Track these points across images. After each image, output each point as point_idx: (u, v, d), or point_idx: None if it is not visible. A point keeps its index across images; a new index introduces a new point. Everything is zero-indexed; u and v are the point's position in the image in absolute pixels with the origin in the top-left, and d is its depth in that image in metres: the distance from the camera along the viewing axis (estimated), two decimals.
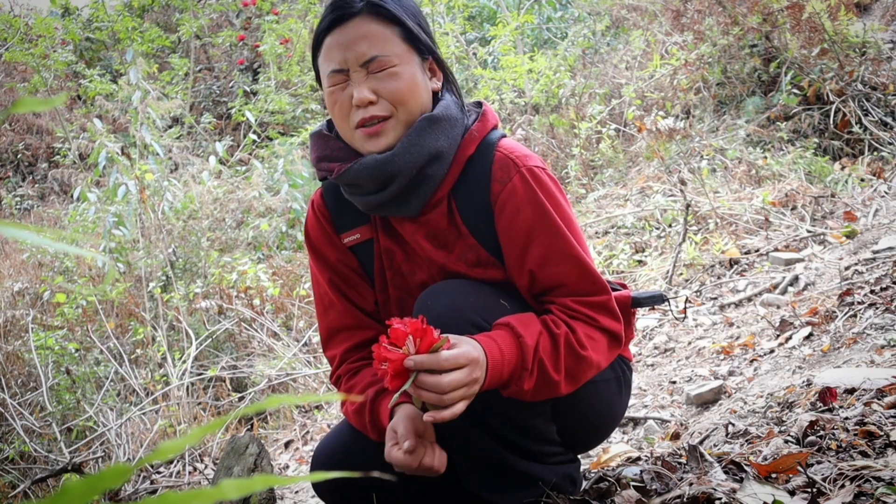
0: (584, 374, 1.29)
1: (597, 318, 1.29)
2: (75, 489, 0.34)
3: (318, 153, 1.38)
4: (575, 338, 1.26)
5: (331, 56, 1.31)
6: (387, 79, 1.29)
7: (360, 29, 1.29)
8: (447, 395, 1.11)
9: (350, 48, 1.29)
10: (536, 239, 1.29)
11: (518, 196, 1.30)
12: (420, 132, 1.29)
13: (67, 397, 3.39)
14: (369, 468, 1.38)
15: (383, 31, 1.30)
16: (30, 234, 0.39)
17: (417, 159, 1.29)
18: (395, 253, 1.40)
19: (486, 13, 7.30)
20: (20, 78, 7.89)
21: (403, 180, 1.29)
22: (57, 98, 0.40)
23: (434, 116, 1.31)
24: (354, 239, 1.43)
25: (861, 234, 3.34)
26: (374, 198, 1.32)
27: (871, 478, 1.23)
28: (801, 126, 4.63)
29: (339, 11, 1.31)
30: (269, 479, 0.37)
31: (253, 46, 7.07)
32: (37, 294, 4.36)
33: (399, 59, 1.30)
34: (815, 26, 4.83)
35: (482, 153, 1.34)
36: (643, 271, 3.65)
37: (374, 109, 1.29)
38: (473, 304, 1.26)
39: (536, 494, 1.33)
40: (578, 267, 1.30)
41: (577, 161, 5.08)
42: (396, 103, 1.29)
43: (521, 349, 1.20)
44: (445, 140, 1.31)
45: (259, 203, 4.77)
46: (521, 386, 1.21)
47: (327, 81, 1.32)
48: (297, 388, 3.40)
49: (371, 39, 1.29)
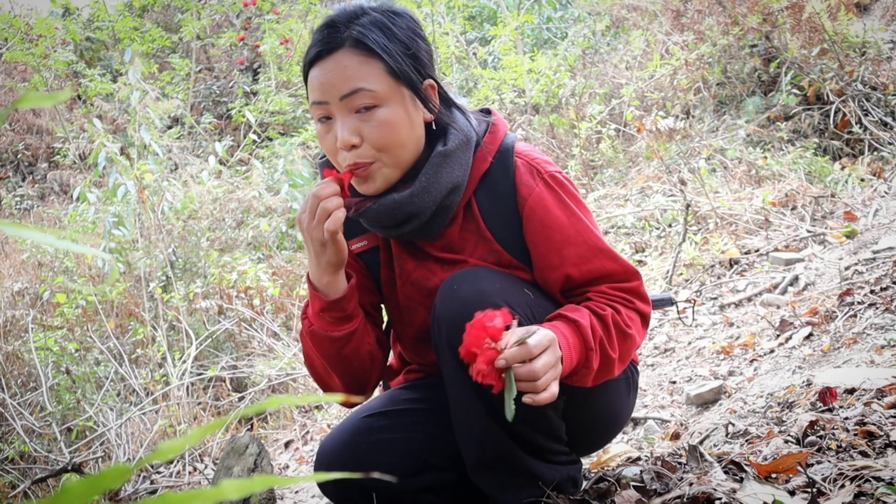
0: (629, 353, 1.33)
1: (632, 300, 1.34)
2: (75, 489, 0.34)
3: None
4: (620, 318, 1.30)
5: (313, 88, 1.29)
6: (371, 122, 1.26)
7: (341, 62, 1.26)
8: (542, 380, 1.13)
9: (330, 82, 1.26)
10: (570, 239, 1.33)
11: (546, 202, 1.34)
12: (437, 169, 1.30)
13: (67, 397, 3.40)
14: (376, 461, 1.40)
15: (365, 65, 1.26)
16: (32, 233, 0.39)
17: (436, 197, 1.31)
18: (406, 261, 1.42)
19: (486, 13, 7.30)
20: (20, 78, 7.89)
21: (424, 217, 1.32)
22: (61, 93, 0.40)
23: (447, 151, 1.31)
24: (361, 246, 1.46)
25: (861, 234, 3.33)
26: (394, 231, 1.36)
27: (871, 478, 1.23)
28: (801, 126, 4.63)
29: (321, 45, 1.28)
30: (269, 480, 0.37)
31: (253, 46, 7.07)
32: (37, 294, 4.36)
33: (382, 97, 1.26)
34: (815, 26, 4.83)
35: (502, 162, 1.36)
36: (643, 271, 3.65)
37: (358, 153, 1.28)
38: (500, 290, 1.28)
39: (538, 494, 1.33)
40: (612, 259, 1.34)
41: (577, 161, 5.08)
42: (380, 149, 1.27)
43: (580, 332, 1.23)
44: (460, 169, 1.33)
45: (259, 203, 4.77)
46: (590, 367, 1.24)
47: (312, 112, 1.32)
48: (297, 388, 3.40)
49: (352, 74, 1.26)
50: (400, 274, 1.43)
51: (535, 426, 1.31)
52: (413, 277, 1.41)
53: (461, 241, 1.38)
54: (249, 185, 4.90)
